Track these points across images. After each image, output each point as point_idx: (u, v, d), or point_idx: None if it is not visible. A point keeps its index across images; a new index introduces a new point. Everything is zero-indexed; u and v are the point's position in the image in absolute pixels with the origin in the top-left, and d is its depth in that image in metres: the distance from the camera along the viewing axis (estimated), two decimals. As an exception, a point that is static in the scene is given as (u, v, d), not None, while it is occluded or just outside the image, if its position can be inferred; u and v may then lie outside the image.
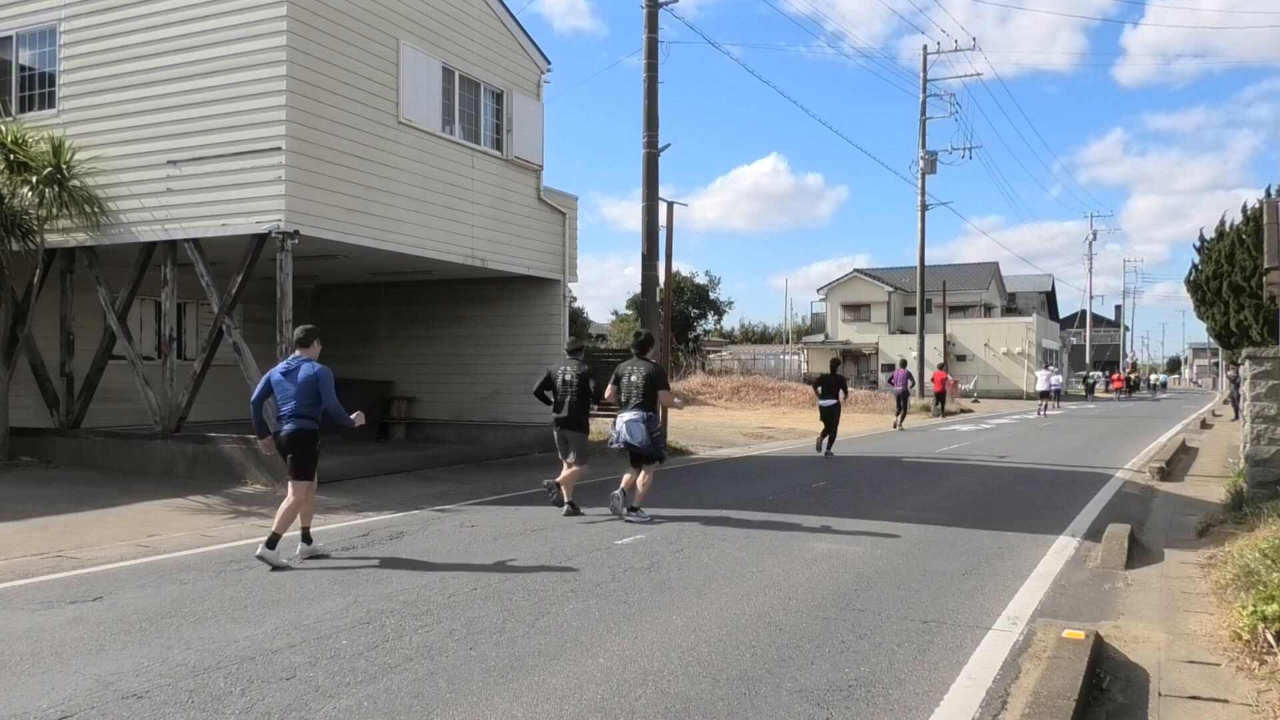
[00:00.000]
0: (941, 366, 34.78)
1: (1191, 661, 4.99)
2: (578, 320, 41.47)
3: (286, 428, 7.47)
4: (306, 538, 7.51)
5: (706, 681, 4.56)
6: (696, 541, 8.19)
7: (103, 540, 8.24)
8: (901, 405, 25.43)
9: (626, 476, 9.61)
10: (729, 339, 68.71)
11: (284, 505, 7.34)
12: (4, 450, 13.01)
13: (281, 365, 7.69)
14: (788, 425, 25.63)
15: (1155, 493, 12.00)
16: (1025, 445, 19.43)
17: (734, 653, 5.02)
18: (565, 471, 9.79)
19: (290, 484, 7.43)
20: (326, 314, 18.90)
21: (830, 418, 16.78)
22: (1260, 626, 5.03)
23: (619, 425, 9.54)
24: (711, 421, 25.60)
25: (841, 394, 17.05)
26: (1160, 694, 4.53)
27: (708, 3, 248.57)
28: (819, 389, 17.34)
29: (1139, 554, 7.72)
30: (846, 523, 9.28)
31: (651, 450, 9.48)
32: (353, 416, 7.62)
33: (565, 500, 9.69)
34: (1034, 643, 5.20)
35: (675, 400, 10.15)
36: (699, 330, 57.36)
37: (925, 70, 38.00)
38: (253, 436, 12.01)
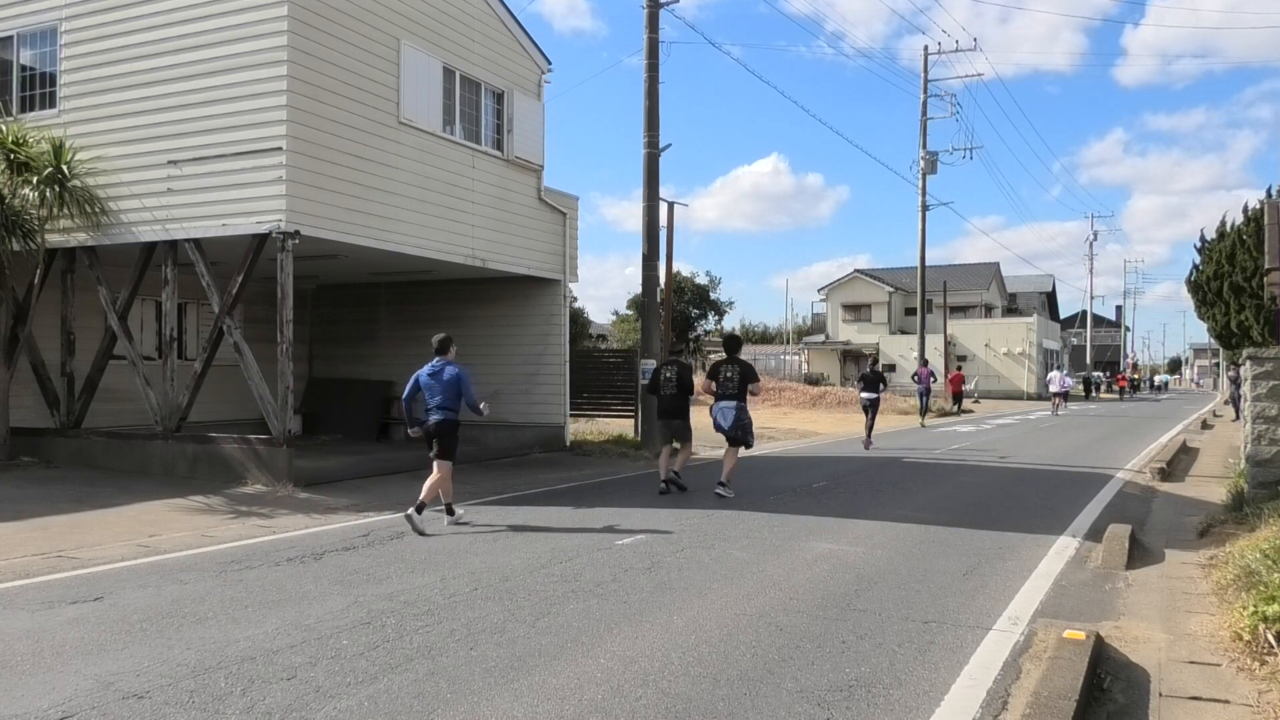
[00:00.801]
0: (958, 367, 38.32)
1: (1192, 662, 4.98)
2: (578, 320, 41.40)
3: (435, 418, 8.99)
4: (451, 512, 9.08)
5: (707, 682, 4.56)
6: (697, 541, 8.19)
7: (103, 540, 8.24)
8: (925, 402, 27.72)
9: (726, 456, 11.48)
10: (729, 339, 68.54)
11: (430, 480, 8.92)
12: (5, 450, 13.02)
13: (427, 368, 9.11)
14: (788, 425, 25.62)
15: (1156, 493, 12.00)
16: (1026, 445, 19.42)
17: (734, 653, 5.02)
18: (664, 457, 11.67)
19: (436, 463, 8.98)
20: (327, 314, 18.94)
21: (872, 410, 19.29)
22: (1261, 627, 5.03)
23: (715, 411, 11.47)
24: (711, 422, 25.58)
25: (881, 386, 19.91)
26: (1161, 694, 4.53)
27: (708, 3, 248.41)
28: (860, 383, 20.19)
29: (1140, 554, 7.72)
30: (847, 523, 9.28)
31: (740, 436, 11.30)
32: (481, 405, 9.22)
33: (666, 476, 11.45)
34: (1035, 643, 5.20)
35: (758, 389, 11.68)
36: (699, 330, 57.29)
37: (926, 70, 37.98)
38: (253, 436, 12.11)
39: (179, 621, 5.59)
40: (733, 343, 12.10)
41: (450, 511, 9.09)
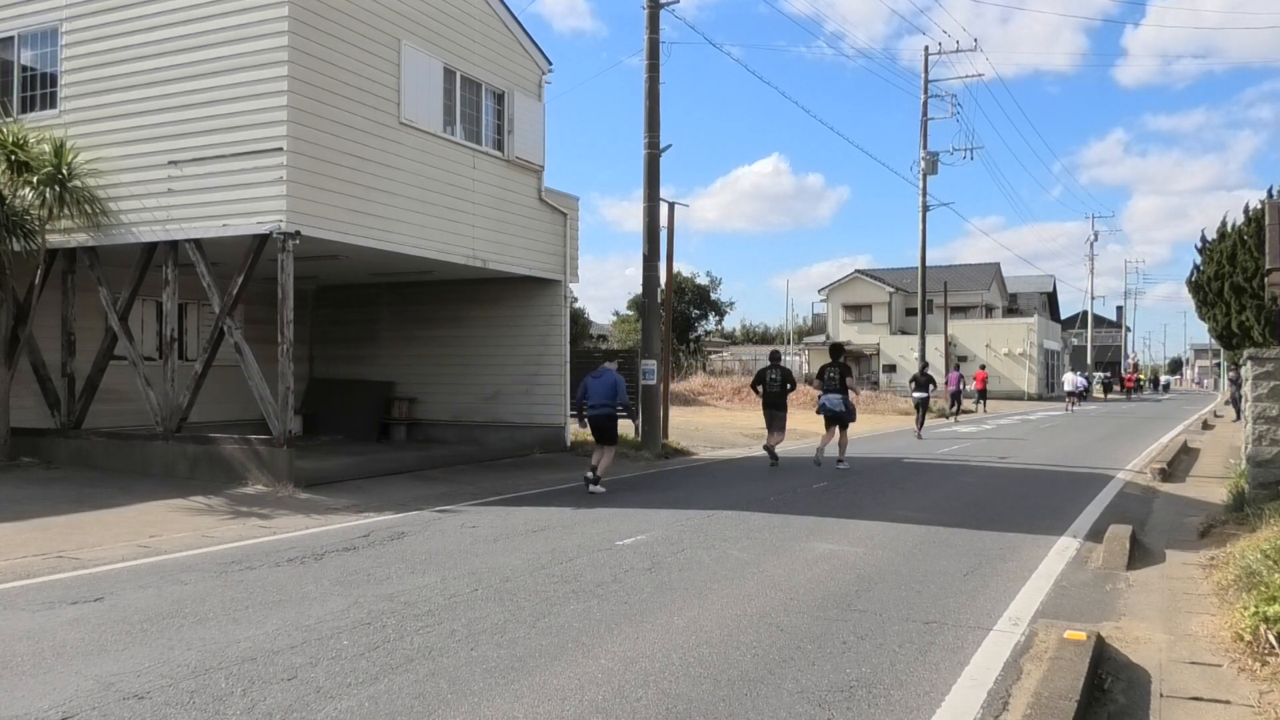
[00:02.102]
0: (982, 367, 40.00)
1: (1193, 662, 4.98)
2: (579, 321, 41.40)
3: (596, 412, 11.93)
4: (597, 481, 11.49)
5: (708, 682, 4.56)
6: (697, 542, 8.19)
7: (104, 541, 8.25)
8: (955, 401, 30.64)
9: (824, 436, 14.92)
10: (730, 339, 68.72)
11: (604, 462, 11.81)
12: (5, 451, 13.02)
13: (593, 373, 12.14)
14: (789, 426, 25.57)
15: (1157, 493, 11.99)
16: (1026, 446, 19.41)
17: (735, 653, 5.01)
18: (771, 439, 15.10)
19: (605, 448, 11.96)
20: (327, 314, 18.94)
21: (923, 406, 22.63)
22: (1262, 627, 5.02)
23: (824, 401, 14.91)
24: (712, 422, 25.59)
25: (931, 387, 23.19)
26: (1162, 695, 4.53)
27: (708, 3, 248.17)
28: (914, 384, 23.59)
29: (1140, 555, 7.71)
30: (847, 523, 9.28)
31: (848, 417, 14.81)
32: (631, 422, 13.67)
33: (774, 456, 14.95)
34: (1035, 643, 5.20)
35: (854, 385, 15.58)
36: (700, 331, 57.35)
37: (926, 71, 37.98)
38: (254, 437, 12.12)
39: (180, 622, 5.59)
40: (836, 350, 15.83)
41: (597, 481, 11.49)
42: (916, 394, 23.11)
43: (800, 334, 65.55)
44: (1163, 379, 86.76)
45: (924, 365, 24.73)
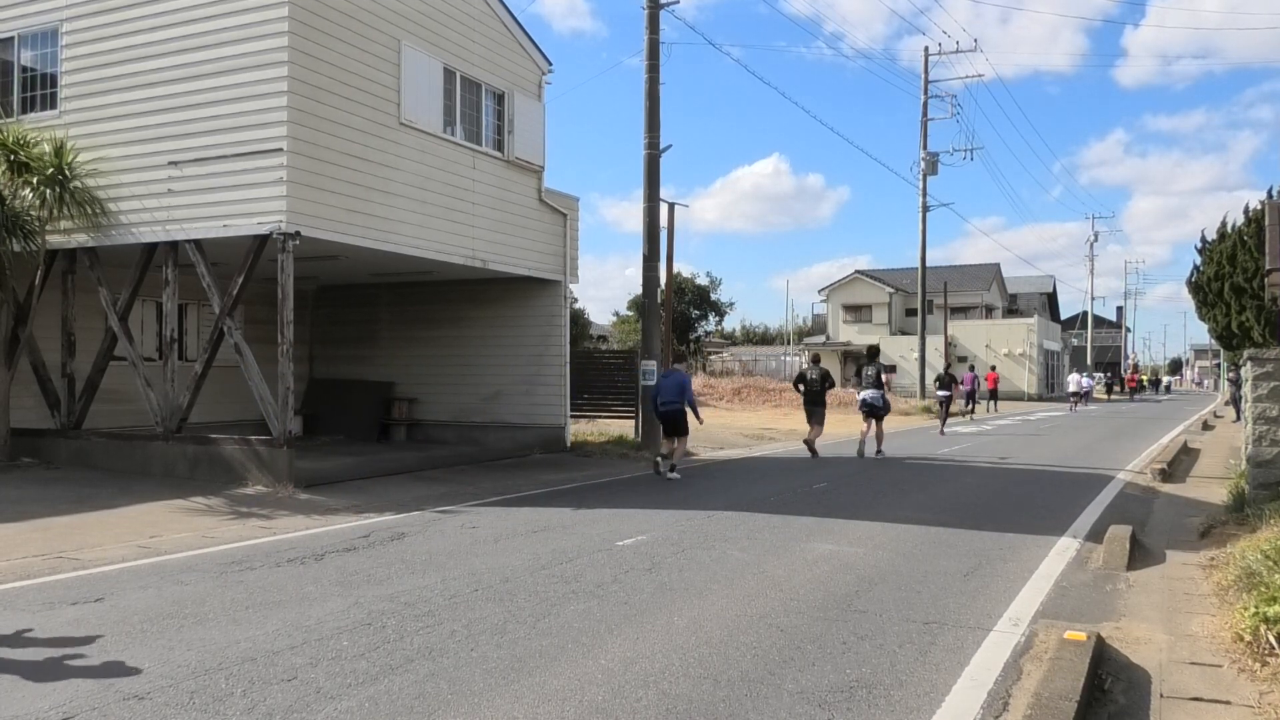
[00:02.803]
0: (993, 369, 40.92)
1: (1193, 663, 4.98)
2: (579, 321, 41.39)
3: (665, 409, 13.54)
4: (675, 469, 13.19)
5: (708, 683, 4.56)
6: (697, 542, 8.19)
7: (104, 541, 8.25)
8: (970, 400, 32.05)
9: (863, 430, 16.60)
10: (730, 340, 68.76)
11: (677, 450, 13.45)
12: (5, 451, 13.02)
13: (663, 373, 14.39)
14: (789, 426, 25.58)
15: (1157, 494, 11.99)
16: (1027, 447, 19.41)
17: (735, 654, 5.02)
18: (812, 433, 16.41)
19: (677, 439, 13.50)
20: (327, 314, 18.94)
21: (945, 404, 24.54)
22: (1262, 628, 5.02)
23: (863, 397, 16.89)
24: (713, 422, 25.57)
25: (955, 386, 25.36)
26: (1162, 695, 4.53)
27: (708, 3, 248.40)
28: (938, 384, 25.34)
29: (1141, 555, 7.71)
30: (848, 524, 9.28)
31: (883, 411, 16.71)
32: (697, 421, 13.87)
33: (813, 450, 16.18)
34: (1035, 644, 5.20)
35: (888, 382, 17.30)
36: (700, 331, 57.39)
37: (926, 71, 37.99)
38: (254, 437, 12.13)
39: (180, 622, 5.59)
40: (874, 351, 17.87)
41: (673, 469, 13.12)
42: (940, 392, 24.95)
43: (800, 334, 65.53)
44: (1163, 379, 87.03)
45: (946, 366, 27.59)
